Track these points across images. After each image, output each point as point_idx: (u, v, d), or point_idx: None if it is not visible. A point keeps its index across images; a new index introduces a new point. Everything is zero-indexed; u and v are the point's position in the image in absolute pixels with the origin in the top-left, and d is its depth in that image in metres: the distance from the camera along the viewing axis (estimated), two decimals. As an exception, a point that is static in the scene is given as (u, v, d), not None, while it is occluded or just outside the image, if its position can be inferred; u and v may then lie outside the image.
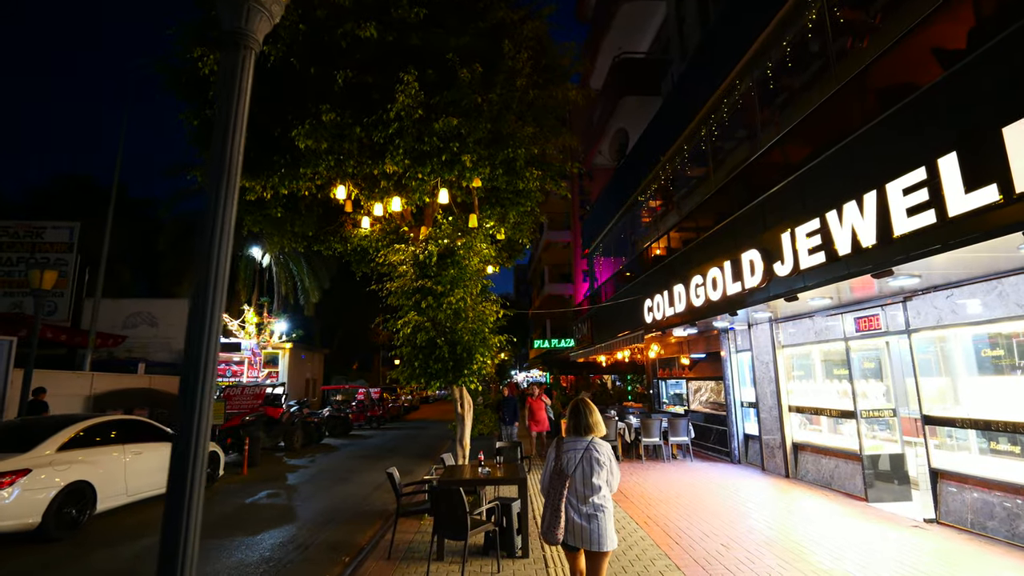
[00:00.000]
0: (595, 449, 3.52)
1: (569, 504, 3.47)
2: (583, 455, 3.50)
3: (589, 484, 3.45)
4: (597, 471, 3.47)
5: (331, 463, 12.97)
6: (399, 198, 7.07)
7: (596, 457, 3.49)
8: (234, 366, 23.28)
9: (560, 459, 3.57)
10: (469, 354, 6.99)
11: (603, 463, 3.50)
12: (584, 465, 3.48)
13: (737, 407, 11.20)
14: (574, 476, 3.48)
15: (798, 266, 5.93)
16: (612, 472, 3.55)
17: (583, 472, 3.48)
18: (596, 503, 3.44)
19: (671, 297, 9.89)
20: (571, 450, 3.55)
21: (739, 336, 11.13)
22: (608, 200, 16.99)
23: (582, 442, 3.56)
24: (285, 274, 25.29)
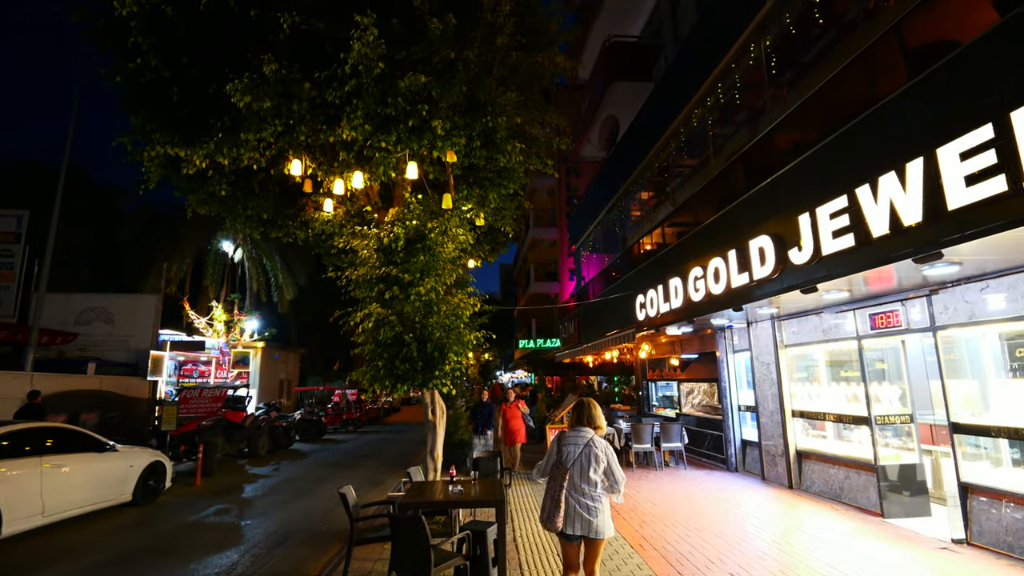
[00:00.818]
0: (594, 445, 3.72)
1: (570, 495, 3.66)
2: (582, 450, 3.71)
3: (586, 478, 3.65)
4: (595, 466, 3.66)
5: (296, 472, 11.95)
6: (361, 173, 6.14)
7: (595, 453, 3.69)
8: (201, 366, 22.07)
9: (561, 452, 3.78)
10: (441, 353, 6.09)
11: (601, 459, 3.69)
12: (583, 460, 3.68)
13: (734, 411, 10.45)
14: (572, 469, 3.68)
15: (819, 252, 5.14)
16: (612, 468, 3.71)
17: (581, 466, 3.67)
18: (594, 495, 3.65)
19: (666, 292, 9.09)
20: (571, 444, 3.77)
21: (737, 335, 10.38)
22: (597, 193, 16.20)
23: (583, 437, 3.77)
24: (258, 269, 24.10)
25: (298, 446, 16.69)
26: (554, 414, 10.53)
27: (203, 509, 8.45)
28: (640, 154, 11.69)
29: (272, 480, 10.95)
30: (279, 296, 24.78)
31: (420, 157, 6.43)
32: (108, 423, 12.90)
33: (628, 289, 11.45)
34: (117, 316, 16.83)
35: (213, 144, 5.45)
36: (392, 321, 5.98)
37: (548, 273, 31.77)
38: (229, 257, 24.85)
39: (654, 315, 9.63)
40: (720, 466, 10.65)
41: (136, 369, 16.36)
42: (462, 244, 7.27)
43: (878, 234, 4.43)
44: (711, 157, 8.85)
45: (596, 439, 3.78)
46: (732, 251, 6.79)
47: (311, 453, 15.05)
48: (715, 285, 7.31)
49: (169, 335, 18.70)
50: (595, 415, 3.87)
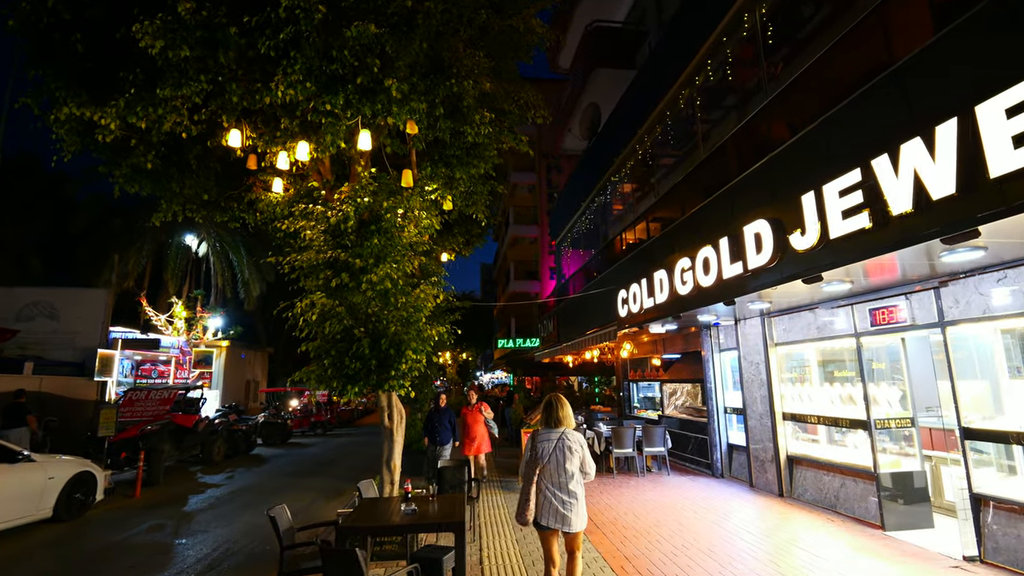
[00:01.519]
0: (567, 438, 3.86)
1: (547, 490, 3.75)
2: (556, 444, 3.82)
3: (563, 471, 3.76)
4: (570, 458, 3.78)
5: (251, 481, 11.03)
6: (306, 143, 5.35)
7: (568, 446, 3.82)
8: (160, 366, 20.84)
9: (535, 449, 3.88)
10: (398, 350, 5.33)
11: (575, 450, 3.83)
12: (557, 454, 3.79)
13: (720, 413, 9.87)
14: (548, 464, 3.78)
15: (826, 235, 4.53)
16: (585, 459, 3.87)
17: (557, 460, 3.78)
18: (571, 489, 3.76)
19: (651, 286, 8.46)
20: (545, 440, 3.88)
21: (723, 333, 9.80)
22: (577, 185, 15.56)
23: (555, 433, 3.89)
24: (223, 264, 22.92)
25: (261, 451, 15.70)
26: (531, 417, 9.85)
27: (135, 525, 7.54)
28: (623, 141, 11.06)
29: (222, 490, 10.02)
30: (246, 293, 23.62)
31: (376, 128, 5.66)
32: (46, 428, 11.79)
33: (609, 284, 10.80)
34: (63, 312, 15.62)
35: (124, 102, 4.60)
36: (340, 313, 5.20)
37: (528, 272, 31.10)
38: (193, 252, 23.62)
39: (637, 311, 8.99)
40: (705, 472, 10.06)
41: (83, 369, 15.18)
42: (426, 229, 6.52)
43: (899, 211, 3.82)
44: (699, 142, 8.24)
45: (569, 432, 3.92)
46: (724, 239, 6.17)
47: (272, 459, 14.10)
48: (704, 277, 6.68)
49: (121, 333, 17.52)
50: (562, 416, 3.99)
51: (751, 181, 6.20)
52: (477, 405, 8.93)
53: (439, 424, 8.45)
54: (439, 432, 8.41)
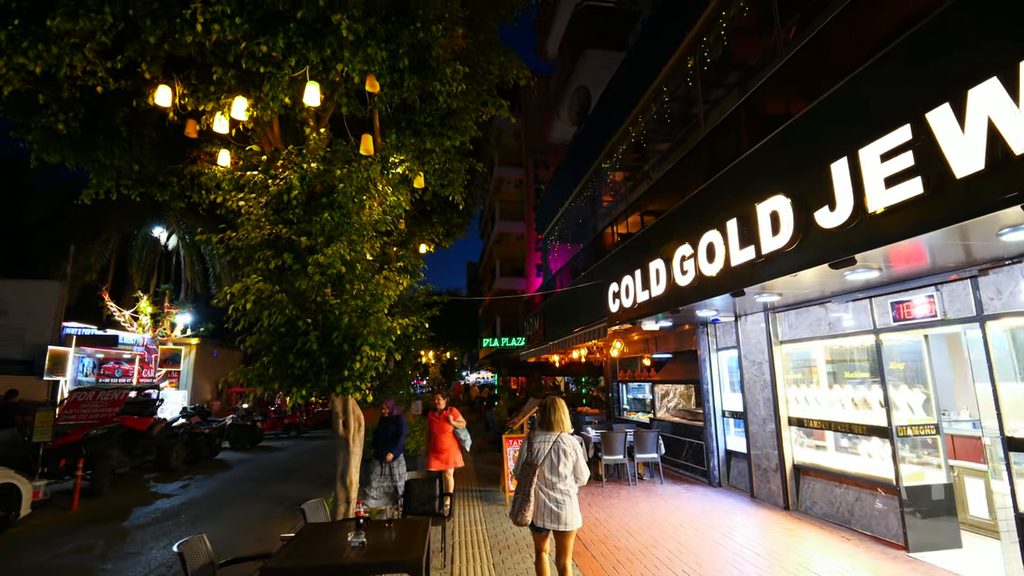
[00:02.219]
0: (562, 441, 3.95)
1: (540, 491, 3.82)
2: (551, 447, 3.92)
3: (556, 472, 3.85)
4: (564, 460, 3.88)
5: (209, 489, 10.08)
6: (244, 99, 4.48)
7: (563, 448, 3.91)
8: (125, 365, 19.69)
9: (531, 451, 3.96)
10: (352, 345, 4.48)
11: (569, 453, 3.91)
12: (552, 456, 3.89)
13: (717, 417, 9.15)
14: (543, 466, 3.87)
15: (862, 208, 3.78)
16: (579, 464, 3.95)
17: (551, 462, 3.87)
18: (563, 490, 3.84)
19: (645, 278, 7.70)
20: (541, 442, 3.97)
21: (721, 330, 9.09)
22: (565, 175, 14.80)
23: (551, 435, 3.99)
24: (193, 257, 21.78)
25: (228, 455, 14.68)
26: (513, 421, 9.05)
27: (60, 545, 6.60)
28: (615, 123, 10.30)
29: (173, 501, 9.07)
30: (217, 287, 22.47)
31: (330, 84, 4.82)
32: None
33: (599, 278, 10.04)
34: (11, 305, 14.47)
35: (5, 36, 3.70)
36: (281, 301, 4.34)
37: (515, 269, 30.33)
38: (162, 245, 22.46)
39: (630, 306, 8.23)
40: (701, 480, 9.34)
41: (32, 367, 14.07)
42: (393, 208, 5.69)
43: (965, 172, 3.09)
44: (700, 119, 7.50)
45: (564, 436, 3.97)
46: (732, 221, 5.42)
47: (238, 464, 13.12)
48: (708, 265, 5.92)
49: (77, 328, 16.39)
50: (556, 420, 4.04)
51: (764, 155, 5.46)
52: (445, 412, 7.48)
53: (380, 435, 6.90)
54: (377, 445, 6.83)
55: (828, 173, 4.10)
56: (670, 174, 8.40)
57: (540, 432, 4.03)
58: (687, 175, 7.64)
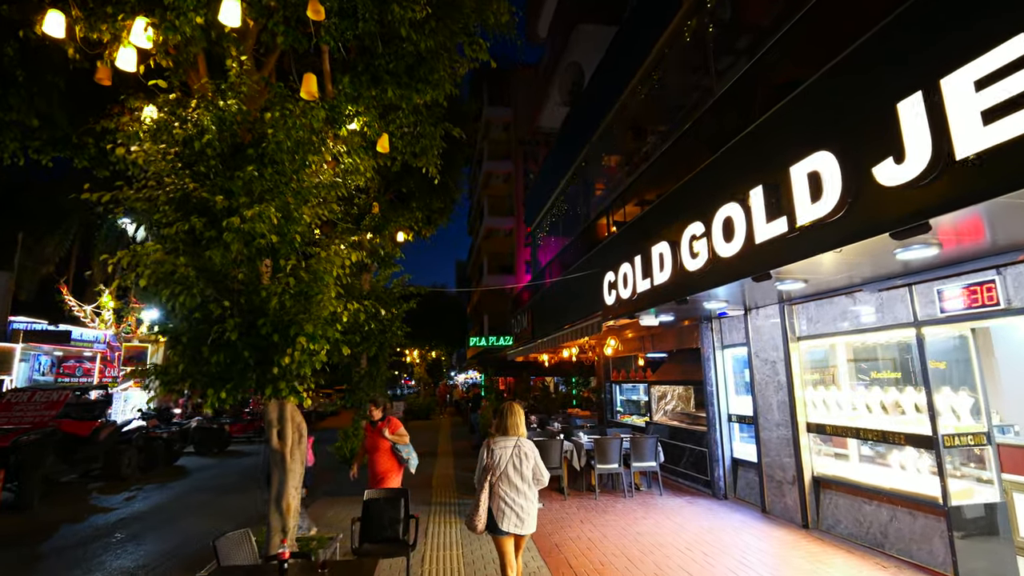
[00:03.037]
0: (523, 445, 3.97)
1: (505, 496, 3.81)
2: (512, 452, 3.92)
3: (521, 476, 3.86)
4: (526, 464, 3.90)
5: (157, 501, 9.01)
6: (145, 21, 3.49)
7: (524, 452, 3.94)
8: (86, 363, 18.46)
9: (492, 456, 3.92)
10: (285, 336, 3.50)
11: (530, 456, 3.94)
12: (514, 460, 3.89)
13: (722, 422, 8.28)
14: (506, 471, 3.86)
15: (946, 154, 2.86)
16: (538, 466, 3.95)
17: (513, 466, 3.87)
18: (528, 495, 3.88)
19: (647, 264, 6.78)
20: (502, 448, 3.95)
21: (728, 326, 8.22)
22: (557, 161, 13.88)
23: (510, 440, 3.99)
24: (161, 250, 20.51)
25: (191, 461, 13.57)
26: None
27: (-48, 577, 5.53)
28: (611, 96, 9.39)
29: (111, 517, 8.00)
30: (189, 283, 21.25)
31: (264, 9, 3.84)
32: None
33: (594, 267, 9.11)
34: (-49, 298, 13.25)
35: None
36: (187, 277, 3.34)
37: (503, 266, 29.39)
38: (129, 236, 21.18)
39: (628, 296, 7.31)
40: (703, 491, 8.46)
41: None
42: (350, 171, 4.71)
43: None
44: (713, 81, 6.60)
45: (523, 440, 4.00)
46: (757, 189, 4.51)
47: (198, 472, 12.03)
48: (725, 245, 5.01)
49: (25, 323, 15.18)
50: (511, 424, 4.06)
51: (798, 108, 4.56)
52: (381, 424, 5.82)
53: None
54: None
55: (893, 117, 3.20)
56: (675, 148, 7.48)
57: (500, 438, 4.03)
58: (695, 147, 6.75)
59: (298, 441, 4.10)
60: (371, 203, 9.46)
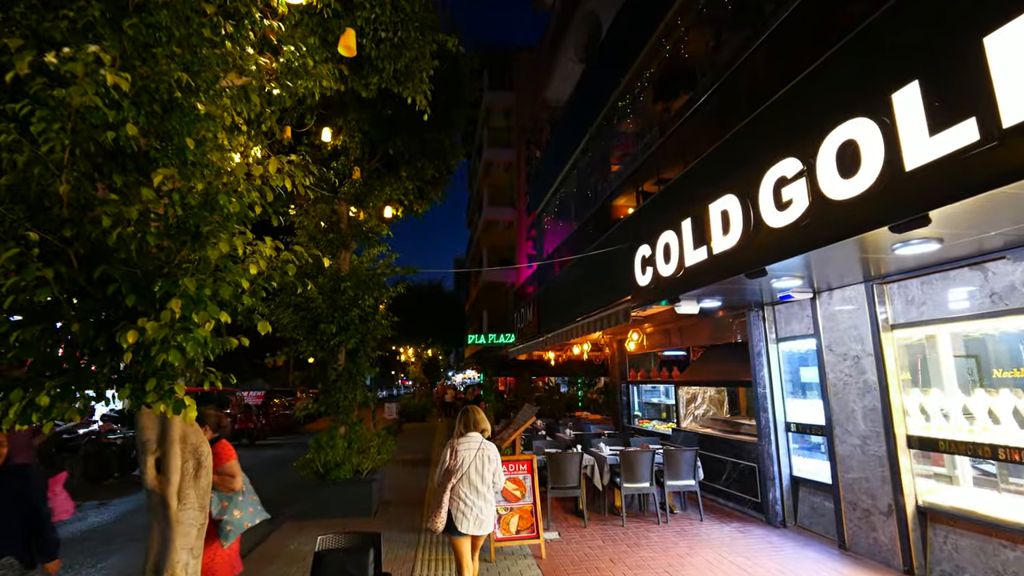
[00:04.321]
0: (487, 448, 3.99)
1: (466, 498, 3.82)
2: (476, 454, 3.93)
3: (482, 479, 3.89)
4: (488, 466, 3.93)
5: (88, 524, 7.48)
6: None
7: (488, 455, 3.97)
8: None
9: (456, 458, 3.91)
10: (149, 298, 1.97)
11: (492, 459, 3.98)
12: (477, 462, 3.90)
13: (778, 431, 6.78)
14: (468, 472, 3.87)
15: None
16: (498, 470, 4.00)
17: (475, 468, 3.89)
18: (489, 498, 3.92)
19: (701, 229, 5.25)
20: (466, 450, 3.94)
21: (783, 315, 6.72)
22: (566, 134, 12.36)
23: (475, 441, 3.99)
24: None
25: (152, 470, 11.99)
26: (503, 436, 6.59)
27: None
28: (643, 32, 7.84)
29: (22, 548, 6.43)
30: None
31: None
32: None
33: (619, 243, 7.59)
34: None
35: None
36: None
37: (503, 259, 27.89)
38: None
39: (672, 273, 5.77)
40: (753, 516, 6.96)
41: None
42: (292, 71, 3.17)
43: None
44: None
45: (486, 442, 4.03)
46: (907, 91, 2.95)
47: (155, 484, 10.45)
48: (842, 183, 3.42)
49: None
50: (480, 419, 4.12)
51: None
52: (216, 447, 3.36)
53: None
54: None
55: None
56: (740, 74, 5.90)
57: (465, 438, 4.01)
58: (771, 69, 5.19)
59: (194, 476, 2.56)
60: (351, 167, 7.93)
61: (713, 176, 5.24)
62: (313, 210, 7.74)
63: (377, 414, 21.96)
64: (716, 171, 5.24)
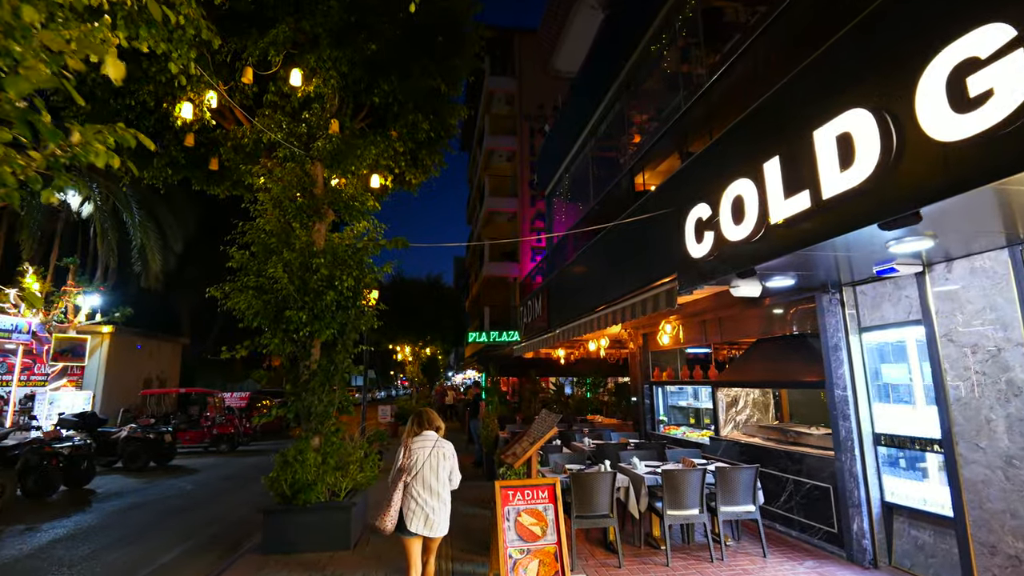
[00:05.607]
0: (442, 446, 3.98)
1: (418, 496, 3.78)
2: (431, 451, 3.91)
3: (437, 477, 3.86)
4: (443, 464, 3.92)
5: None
6: None
7: (443, 452, 3.96)
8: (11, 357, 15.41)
9: (410, 456, 3.89)
10: None
11: (448, 457, 3.98)
12: (432, 460, 3.88)
13: (864, 445, 5.36)
14: (423, 470, 3.84)
15: None
16: (454, 469, 4.02)
17: (431, 466, 3.86)
18: (443, 497, 3.89)
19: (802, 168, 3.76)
20: (420, 448, 3.92)
21: (871, 297, 5.31)
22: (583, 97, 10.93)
23: (429, 439, 3.97)
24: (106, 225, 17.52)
25: (111, 482, 10.58)
26: (513, 452, 5.13)
27: None
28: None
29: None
30: (143, 265, 18.27)
31: None
32: None
33: (656, 210, 6.14)
34: None
35: None
36: None
37: (505, 253, 26.47)
38: (74, 211, 18.21)
39: (748, 234, 4.29)
40: (827, 550, 5.54)
41: None
42: None
43: None
44: None
45: (441, 440, 4.02)
46: None
47: (107, 500, 9.02)
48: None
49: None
50: (434, 417, 4.12)
51: None
52: None
53: None
54: None
55: None
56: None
57: (420, 436, 3.98)
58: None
59: None
60: (327, 119, 6.51)
61: (818, 93, 3.78)
62: (280, 170, 6.31)
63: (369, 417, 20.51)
64: (824, 84, 3.77)
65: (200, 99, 6.35)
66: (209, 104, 6.35)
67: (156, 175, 7.17)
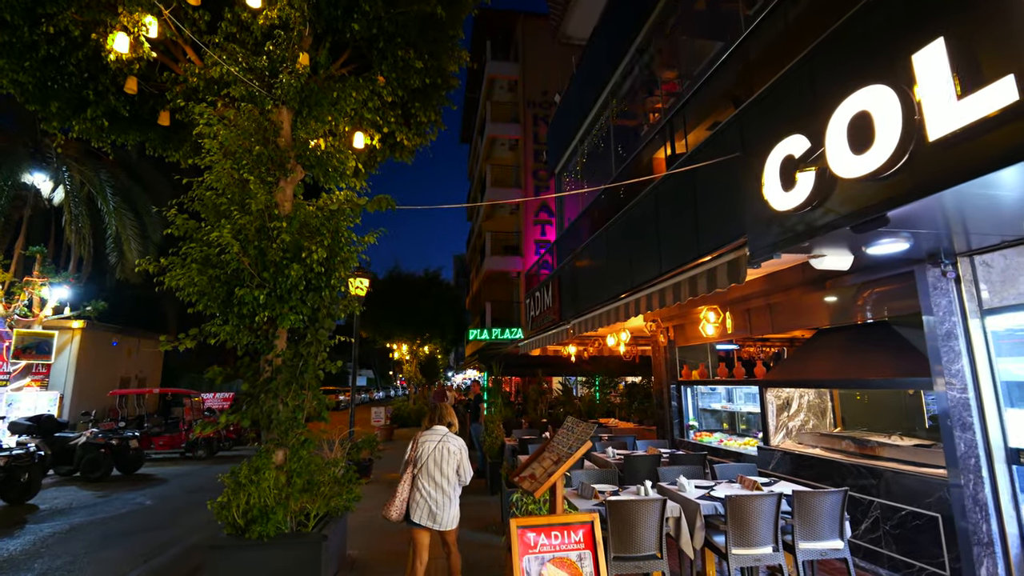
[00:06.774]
0: (449, 441, 4.03)
1: (423, 488, 3.88)
2: (437, 445, 3.98)
3: (440, 471, 3.91)
4: (448, 459, 3.94)
5: None
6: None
7: (449, 447, 3.99)
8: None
9: (418, 448, 4.02)
10: None
11: (454, 452, 3.99)
12: (436, 454, 3.94)
13: (994, 462, 4.06)
14: (427, 463, 3.92)
15: None
16: (463, 464, 4.02)
17: (435, 460, 3.92)
18: (447, 491, 3.92)
19: (1006, 33, 2.49)
20: (427, 441, 4.02)
21: (999, 272, 4.03)
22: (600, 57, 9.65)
23: (438, 434, 4.05)
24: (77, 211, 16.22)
25: (63, 495, 9.28)
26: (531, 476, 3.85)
27: None
28: None
29: None
30: (118, 256, 16.97)
31: None
32: None
33: (717, 156, 4.82)
34: None
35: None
36: None
37: (508, 246, 25.18)
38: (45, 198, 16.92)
39: (885, 161, 2.90)
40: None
41: None
42: None
43: None
44: None
45: (450, 435, 4.08)
46: None
47: (52, 518, 7.71)
48: None
49: None
50: (447, 414, 4.24)
51: None
52: None
53: None
54: None
55: None
56: None
57: (429, 430, 4.08)
58: None
59: None
60: (295, 51, 5.21)
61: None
62: (234, 112, 5.01)
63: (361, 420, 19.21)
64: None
65: (138, 28, 5.05)
66: (147, 32, 5.05)
67: (88, 128, 5.87)
